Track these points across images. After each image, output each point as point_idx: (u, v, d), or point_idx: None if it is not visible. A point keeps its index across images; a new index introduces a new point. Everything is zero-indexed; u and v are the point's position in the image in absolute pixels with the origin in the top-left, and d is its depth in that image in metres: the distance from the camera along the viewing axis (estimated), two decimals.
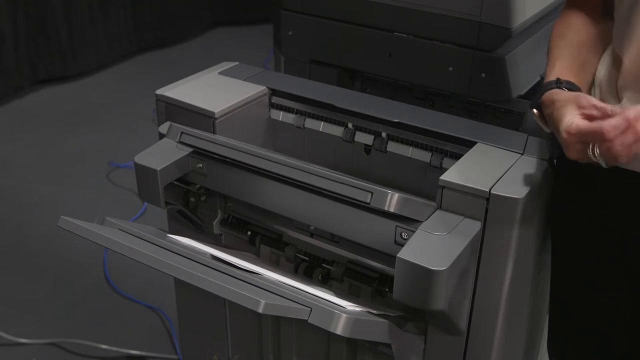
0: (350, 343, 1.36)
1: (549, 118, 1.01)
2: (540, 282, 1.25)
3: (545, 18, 1.48)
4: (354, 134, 1.40)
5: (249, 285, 1.02)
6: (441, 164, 1.29)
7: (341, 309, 1.01)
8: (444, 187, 1.10)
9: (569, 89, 1.02)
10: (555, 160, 1.18)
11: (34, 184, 2.98)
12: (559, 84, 1.03)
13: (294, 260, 1.38)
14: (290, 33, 1.63)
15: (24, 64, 3.73)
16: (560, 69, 1.06)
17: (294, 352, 1.45)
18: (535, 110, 1.05)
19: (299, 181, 1.19)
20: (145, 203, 2.68)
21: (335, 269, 1.32)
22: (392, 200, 1.11)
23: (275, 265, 1.39)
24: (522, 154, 1.19)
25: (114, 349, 2.10)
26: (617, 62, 1.04)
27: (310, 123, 1.44)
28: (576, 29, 1.11)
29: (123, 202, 2.83)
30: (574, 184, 1.13)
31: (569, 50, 1.09)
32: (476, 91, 1.44)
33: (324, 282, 1.34)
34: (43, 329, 2.19)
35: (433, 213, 1.11)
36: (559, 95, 1.00)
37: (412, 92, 1.58)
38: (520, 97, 1.45)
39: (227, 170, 1.28)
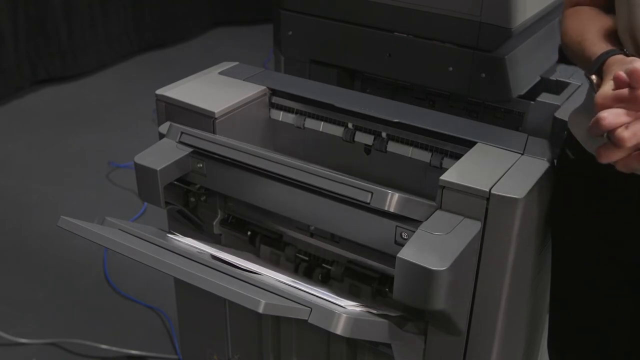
0: (350, 343, 1.36)
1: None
2: (540, 282, 1.25)
3: (545, 18, 1.48)
4: (354, 134, 1.40)
5: (249, 285, 1.02)
6: (441, 164, 1.29)
7: (341, 309, 1.01)
8: (444, 187, 1.10)
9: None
10: (555, 161, 1.18)
11: (34, 184, 2.98)
12: (622, 51, 0.96)
13: (294, 260, 1.38)
14: (290, 33, 1.63)
15: (24, 64, 3.73)
16: (605, 47, 0.99)
17: (294, 352, 1.45)
18: (594, 77, 0.96)
19: (299, 181, 1.19)
20: (145, 203, 2.68)
21: (335, 269, 1.32)
22: (392, 200, 1.11)
23: (275, 265, 1.39)
24: (522, 154, 1.19)
25: (114, 349, 2.10)
26: None
27: (310, 123, 1.44)
28: (594, 19, 1.07)
29: (123, 202, 2.83)
30: (575, 184, 1.13)
31: (603, 32, 1.04)
32: (476, 91, 1.44)
33: (324, 282, 1.34)
34: (43, 329, 2.19)
35: (433, 213, 1.11)
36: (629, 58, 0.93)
37: (412, 92, 1.58)
38: (520, 97, 1.45)
39: (227, 170, 1.28)
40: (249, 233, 1.42)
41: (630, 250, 1.08)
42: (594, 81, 0.95)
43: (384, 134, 1.36)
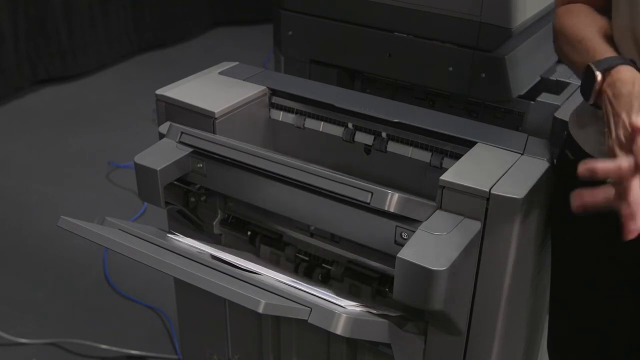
0: (350, 343, 1.36)
1: (621, 96, 0.91)
2: (540, 282, 1.25)
3: (545, 18, 1.48)
4: (354, 134, 1.40)
5: (249, 285, 1.02)
6: (441, 164, 1.29)
7: (341, 309, 1.01)
8: (444, 187, 1.10)
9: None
10: (555, 161, 1.18)
11: (34, 184, 2.98)
12: (631, 62, 0.95)
13: (294, 260, 1.38)
14: (290, 33, 1.63)
15: (24, 64, 3.73)
16: (611, 51, 0.99)
17: (294, 352, 1.45)
18: (598, 73, 0.94)
19: (299, 181, 1.19)
20: (145, 203, 2.68)
21: (335, 269, 1.32)
22: (392, 200, 1.11)
23: (275, 265, 1.39)
24: (522, 154, 1.19)
25: (114, 349, 2.10)
26: None
27: (310, 123, 1.44)
28: (592, 19, 1.08)
29: (123, 202, 2.83)
30: (574, 184, 1.13)
31: (604, 33, 1.04)
32: (476, 91, 1.44)
33: (324, 282, 1.34)
34: (43, 329, 2.19)
35: (433, 213, 1.11)
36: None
37: (412, 92, 1.58)
38: (520, 97, 1.45)
39: (227, 170, 1.28)
40: (249, 233, 1.42)
41: (630, 250, 1.07)
42: (598, 78, 0.94)
43: (384, 134, 1.36)
